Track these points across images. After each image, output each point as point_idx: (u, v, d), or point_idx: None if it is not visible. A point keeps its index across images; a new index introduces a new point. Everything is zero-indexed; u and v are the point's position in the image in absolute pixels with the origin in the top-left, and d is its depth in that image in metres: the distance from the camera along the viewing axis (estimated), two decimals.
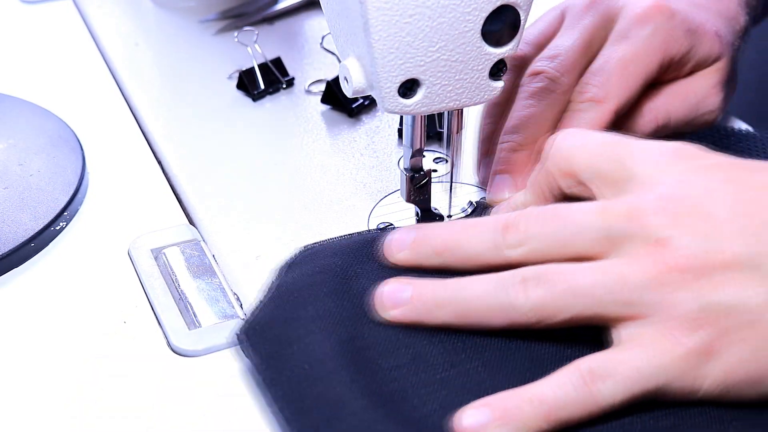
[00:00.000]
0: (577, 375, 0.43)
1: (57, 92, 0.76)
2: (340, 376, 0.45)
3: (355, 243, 0.53)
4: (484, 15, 0.47)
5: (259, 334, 0.48)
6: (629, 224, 0.44)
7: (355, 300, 0.49)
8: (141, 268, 0.57)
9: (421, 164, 0.54)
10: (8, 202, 0.61)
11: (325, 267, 0.51)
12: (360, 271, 0.50)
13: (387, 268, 0.50)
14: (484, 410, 0.42)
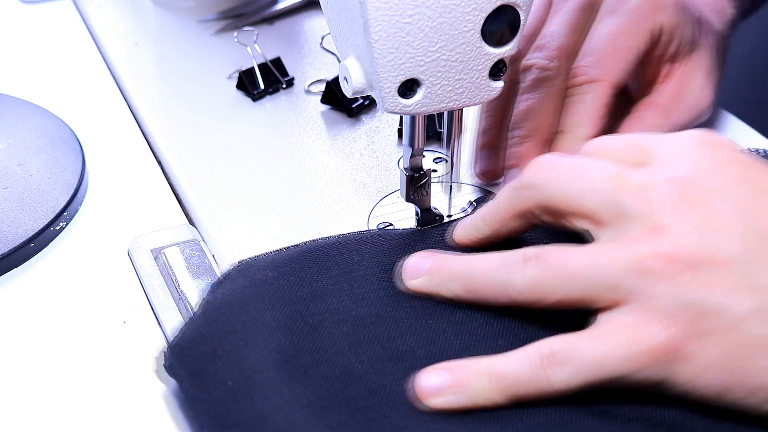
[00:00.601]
0: (537, 356, 0.43)
1: (57, 92, 0.76)
2: (264, 390, 0.44)
3: (291, 254, 0.52)
4: (484, 15, 0.47)
5: (185, 351, 0.47)
6: (634, 202, 0.43)
7: (288, 308, 0.48)
8: (141, 268, 0.57)
9: (420, 164, 0.54)
10: (8, 202, 0.61)
11: (257, 280, 0.50)
12: (294, 280, 0.50)
13: (326, 273, 0.50)
14: (443, 374, 0.44)
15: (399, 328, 0.47)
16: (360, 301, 0.49)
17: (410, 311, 0.48)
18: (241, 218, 0.62)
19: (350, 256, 0.51)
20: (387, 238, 0.54)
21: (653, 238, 0.42)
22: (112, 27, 0.86)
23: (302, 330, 0.47)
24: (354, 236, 0.54)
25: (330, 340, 0.47)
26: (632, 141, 0.48)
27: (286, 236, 0.59)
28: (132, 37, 0.84)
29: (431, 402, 0.43)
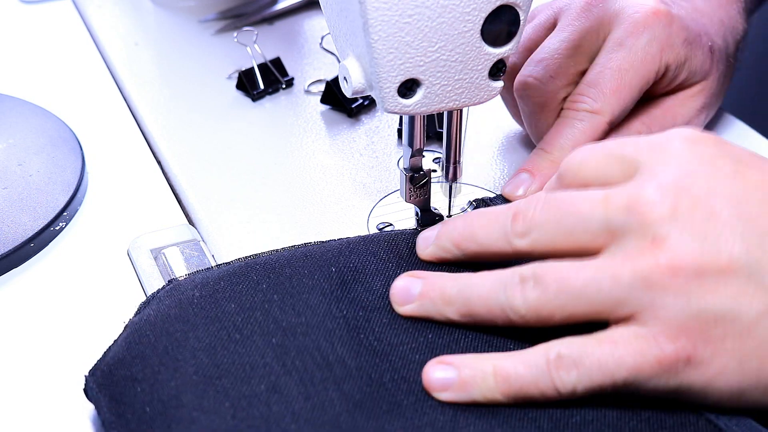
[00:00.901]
0: (544, 359, 0.43)
1: (56, 92, 0.76)
2: (181, 418, 0.43)
3: (221, 273, 0.50)
4: (484, 15, 0.47)
5: (105, 375, 0.46)
6: (628, 217, 0.43)
7: (213, 326, 0.47)
8: (140, 268, 0.57)
9: (420, 164, 0.54)
10: (8, 202, 0.61)
11: (183, 301, 0.49)
12: (222, 297, 0.48)
13: (257, 287, 0.49)
14: (449, 369, 0.44)
15: (330, 338, 0.46)
16: (290, 311, 0.48)
17: (341, 322, 0.47)
18: (241, 218, 0.62)
19: (282, 270, 0.50)
20: (329, 249, 0.52)
21: (654, 250, 0.42)
22: (112, 27, 0.86)
23: (226, 347, 0.46)
24: (288, 253, 0.52)
25: (256, 354, 0.45)
26: (613, 151, 0.46)
27: (286, 236, 0.59)
28: (132, 37, 0.84)
29: (439, 396, 0.44)
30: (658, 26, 0.58)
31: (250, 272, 0.50)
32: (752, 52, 0.86)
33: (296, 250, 0.52)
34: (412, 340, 0.46)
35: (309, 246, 0.53)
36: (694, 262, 0.41)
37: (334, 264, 0.50)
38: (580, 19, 0.60)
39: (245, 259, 0.52)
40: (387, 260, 0.51)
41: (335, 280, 0.50)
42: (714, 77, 0.62)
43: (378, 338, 0.47)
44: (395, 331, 0.47)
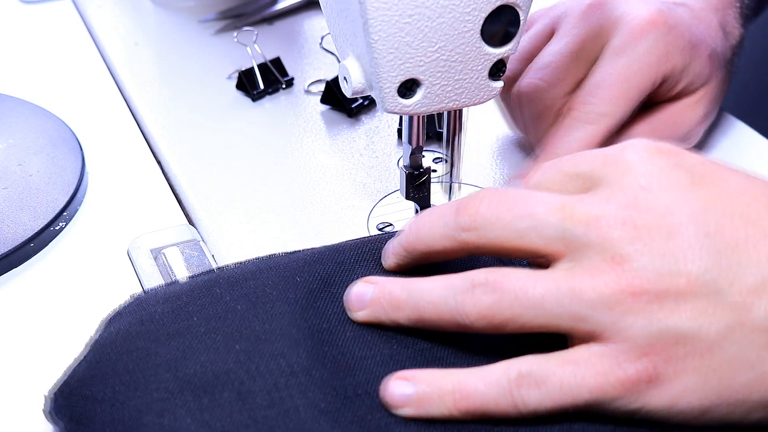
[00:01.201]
0: (506, 377, 0.42)
1: (56, 92, 0.76)
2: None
3: (184, 287, 0.50)
4: (484, 15, 0.47)
5: (67, 396, 0.45)
6: (588, 232, 0.42)
7: (176, 342, 0.46)
8: (140, 268, 0.57)
9: (420, 161, 0.54)
10: (8, 202, 0.61)
11: (145, 317, 0.48)
12: (184, 312, 0.48)
13: (220, 299, 0.48)
14: (407, 385, 0.43)
15: (296, 347, 0.45)
16: (254, 320, 0.47)
17: (306, 332, 0.46)
18: (241, 218, 0.62)
19: (246, 282, 0.49)
20: (295, 260, 0.51)
21: (616, 269, 0.41)
22: (112, 27, 0.86)
23: (189, 358, 0.45)
24: (254, 265, 0.51)
25: (219, 362, 0.45)
26: (568, 168, 0.46)
27: (286, 236, 0.59)
28: (132, 37, 0.84)
29: (396, 411, 0.43)
30: (657, 34, 0.58)
31: (214, 286, 0.49)
32: (753, 53, 0.86)
33: (262, 262, 0.51)
34: (377, 354, 0.46)
35: (275, 257, 0.52)
36: (655, 284, 0.40)
37: (299, 274, 0.50)
38: (580, 26, 0.60)
39: (210, 273, 0.51)
40: (353, 270, 0.50)
41: (301, 289, 0.49)
42: (714, 83, 0.62)
43: (342, 352, 0.46)
44: (359, 344, 0.46)
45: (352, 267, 0.50)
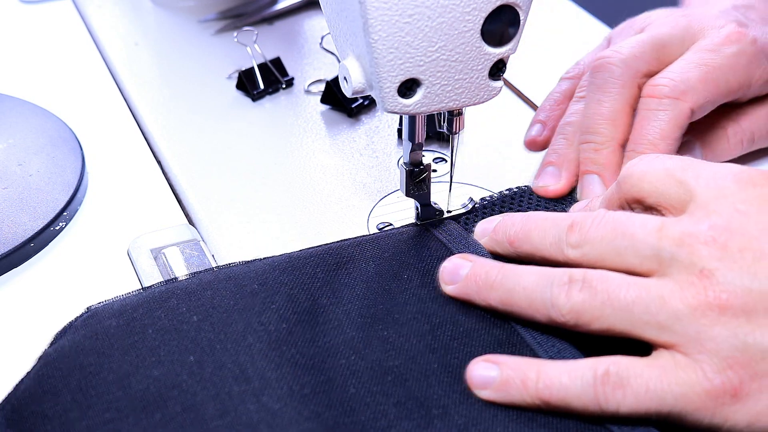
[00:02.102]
0: (591, 373, 0.42)
1: (56, 92, 0.76)
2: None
3: (139, 299, 0.49)
4: (484, 15, 0.47)
5: (16, 410, 0.44)
6: (679, 249, 0.43)
7: (128, 357, 0.45)
8: (141, 268, 0.57)
9: (420, 158, 0.54)
10: (8, 202, 0.61)
11: (98, 331, 0.47)
12: (138, 326, 0.47)
13: (176, 311, 0.48)
14: (493, 368, 0.44)
15: (249, 352, 0.45)
16: (208, 329, 0.47)
17: (263, 335, 0.46)
18: (241, 218, 0.62)
19: (203, 293, 0.49)
20: (252, 269, 0.51)
21: (701, 283, 0.42)
22: (112, 27, 0.86)
23: (141, 374, 0.44)
24: (211, 275, 0.51)
25: (172, 374, 0.44)
26: (674, 172, 0.46)
27: (286, 236, 0.59)
28: (132, 37, 0.84)
29: (478, 393, 0.44)
30: (744, 42, 0.59)
31: (170, 297, 0.49)
32: None
33: (219, 272, 0.51)
34: (334, 361, 0.46)
35: (232, 267, 0.52)
36: (741, 299, 0.41)
37: (257, 281, 0.50)
38: (666, 25, 0.60)
39: (165, 284, 0.51)
40: (313, 275, 0.51)
41: (259, 295, 0.49)
42: None
43: (300, 352, 0.46)
44: (318, 348, 0.46)
45: (312, 271, 0.51)
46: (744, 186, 0.45)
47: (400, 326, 0.48)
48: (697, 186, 0.45)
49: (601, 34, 0.82)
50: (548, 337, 0.46)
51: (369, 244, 0.54)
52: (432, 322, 0.48)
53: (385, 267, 0.52)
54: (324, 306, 0.49)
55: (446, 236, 0.54)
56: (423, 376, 0.45)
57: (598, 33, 0.83)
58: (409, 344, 0.47)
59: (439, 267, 0.50)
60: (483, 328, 0.47)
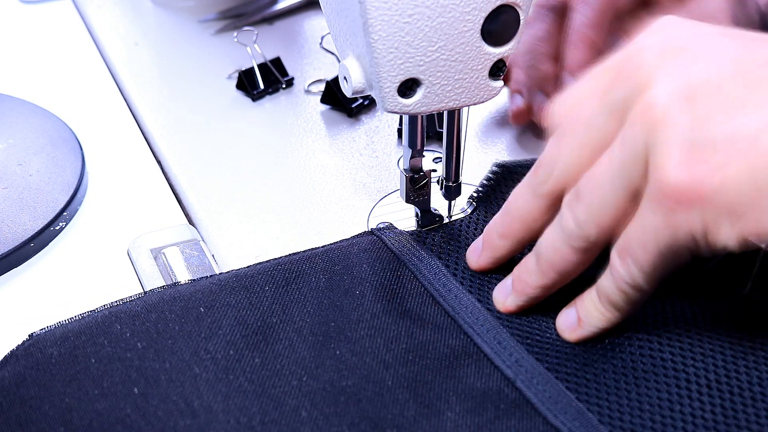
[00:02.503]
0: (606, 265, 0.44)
1: (56, 92, 0.76)
2: None
3: (82, 326, 0.48)
4: (484, 15, 0.47)
5: None
6: (621, 85, 0.42)
7: (70, 389, 0.44)
8: (140, 268, 0.57)
9: (420, 164, 0.54)
10: (8, 202, 0.61)
11: (39, 361, 0.46)
12: (80, 354, 0.46)
13: (119, 337, 0.46)
14: (572, 311, 0.47)
15: (195, 383, 0.44)
16: (153, 358, 0.45)
17: (209, 364, 0.45)
18: (241, 218, 0.62)
19: (147, 316, 0.48)
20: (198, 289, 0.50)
21: (648, 91, 0.41)
22: (112, 27, 0.86)
23: (83, 408, 0.43)
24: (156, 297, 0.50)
25: (115, 409, 0.43)
26: (610, 66, 0.45)
27: (286, 236, 0.59)
28: (132, 37, 0.84)
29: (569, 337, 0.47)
30: None
31: (114, 322, 0.47)
32: None
33: (165, 293, 0.50)
34: (285, 384, 0.45)
35: (179, 287, 0.51)
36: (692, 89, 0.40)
37: (204, 303, 0.49)
38: None
39: (111, 307, 0.49)
40: (262, 293, 0.49)
41: (205, 319, 0.47)
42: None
43: (249, 379, 0.45)
44: (268, 372, 0.45)
45: (260, 290, 0.50)
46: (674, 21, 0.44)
47: (353, 344, 0.47)
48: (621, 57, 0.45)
49: None
50: (505, 347, 0.46)
51: (319, 258, 0.52)
52: (386, 336, 0.47)
53: (337, 281, 0.51)
54: (274, 325, 0.48)
55: (398, 247, 0.54)
56: (377, 395, 0.44)
57: None
58: (362, 362, 0.46)
59: (397, 279, 0.50)
60: (438, 339, 0.47)
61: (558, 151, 0.46)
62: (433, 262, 0.52)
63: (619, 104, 0.43)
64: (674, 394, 0.42)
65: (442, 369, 0.45)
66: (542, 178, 0.47)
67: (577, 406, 0.43)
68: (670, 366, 0.44)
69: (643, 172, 0.41)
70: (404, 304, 0.49)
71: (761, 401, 0.42)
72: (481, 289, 0.51)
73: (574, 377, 0.44)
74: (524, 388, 0.44)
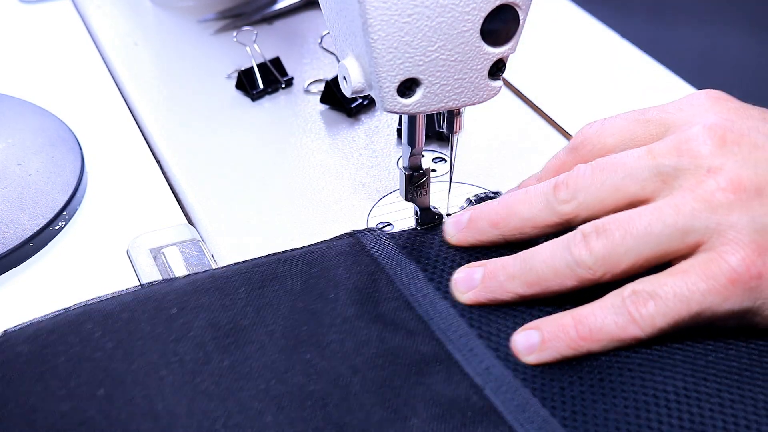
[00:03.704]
0: (620, 299, 0.43)
1: (56, 92, 0.76)
2: None
3: (55, 323, 0.47)
4: (484, 14, 0.47)
5: None
6: (679, 158, 0.44)
7: (38, 386, 0.44)
8: (140, 268, 0.57)
9: (419, 163, 0.54)
10: (7, 202, 0.61)
11: (10, 358, 0.45)
12: (49, 353, 0.45)
13: (91, 339, 0.46)
14: (533, 333, 0.45)
15: (160, 386, 0.44)
16: (121, 359, 0.45)
17: (176, 367, 0.45)
18: (241, 218, 0.62)
19: (119, 315, 0.47)
20: (173, 289, 0.50)
21: (713, 176, 0.43)
22: (112, 27, 0.86)
23: (48, 408, 0.43)
24: (131, 296, 0.50)
25: (79, 410, 0.43)
26: (635, 116, 0.47)
27: (286, 236, 0.59)
28: (131, 37, 0.84)
29: (526, 359, 0.45)
30: None
31: (86, 321, 0.47)
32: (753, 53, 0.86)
33: (139, 292, 0.49)
34: (252, 387, 0.44)
35: (154, 287, 0.50)
36: (752, 182, 0.42)
37: (177, 304, 0.48)
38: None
39: (84, 305, 0.49)
40: (235, 295, 0.49)
41: (177, 320, 0.47)
42: None
43: (216, 382, 0.44)
44: (236, 375, 0.45)
45: (233, 293, 0.49)
46: (717, 101, 0.46)
47: (323, 348, 0.46)
48: (668, 115, 0.46)
49: (601, 34, 0.82)
50: (476, 354, 0.46)
51: (297, 260, 0.52)
52: (357, 340, 0.47)
53: (312, 284, 0.50)
54: (246, 328, 0.47)
55: (376, 250, 0.53)
56: (343, 400, 0.44)
57: (598, 33, 0.83)
58: (331, 366, 0.45)
59: (373, 283, 0.50)
60: (410, 344, 0.47)
61: (590, 181, 0.46)
62: (411, 266, 0.51)
63: (670, 171, 0.44)
64: (641, 402, 0.42)
65: (412, 375, 0.45)
66: (563, 198, 0.47)
67: (543, 415, 0.42)
68: (637, 375, 0.43)
69: (689, 246, 0.43)
70: (378, 308, 0.49)
71: (729, 408, 0.41)
72: None
73: (542, 385, 0.44)
74: (492, 396, 0.43)
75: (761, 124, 0.45)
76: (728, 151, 0.43)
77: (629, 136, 0.47)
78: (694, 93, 0.48)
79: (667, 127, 0.46)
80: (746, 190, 0.42)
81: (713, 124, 0.44)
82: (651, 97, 0.73)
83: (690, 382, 0.43)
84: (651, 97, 0.73)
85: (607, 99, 0.73)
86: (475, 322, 0.48)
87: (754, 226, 0.42)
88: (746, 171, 0.43)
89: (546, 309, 0.47)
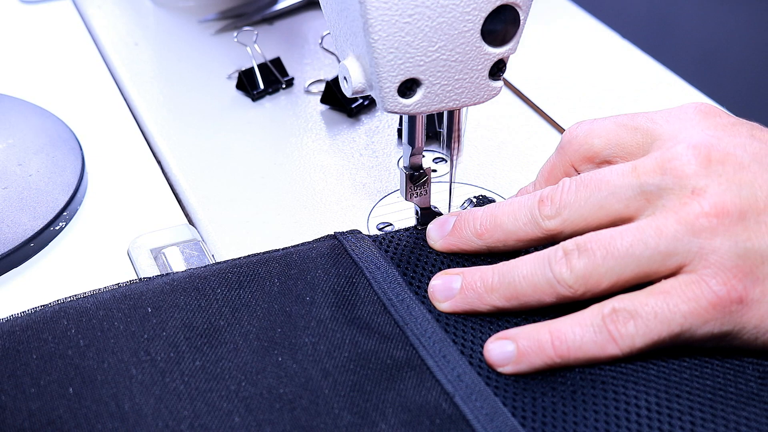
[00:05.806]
0: (599, 316, 0.43)
1: (56, 92, 0.76)
2: None
3: (31, 320, 0.47)
4: (484, 15, 0.47)
5: None
6: (663, 177, 0.44)
7: (10, 383, 0.44)
8: (140, 268, 0.57)
9: (420, 163, 0.54)
10: (8, 202, 0.61)
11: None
12: (25, 348, 0.45)
13: (65, 336, 0.45)
14: (509, 343, 0.45)
15: (129, 385, 0.43)
16: (93, 357, 0.45)
17: (147, 366, 0.44)
18: (241, 218, 0.62)
19: (95, 313, 0.47)
20: (150, 288, 0.49)
21: (696, 199, 0.43)
22: (112, 27, 0.86)
23: (18, 406, 0.43)
24: (108, 294, 0.49)
25: (48, 408, 0.42)
26: (624, 121, 0.47)
27: (286, 236, 0.59)
28: (132, 37, 0.84)
29: (501, 370, 0.45)
30: None
31: (61, 318, 0.47)
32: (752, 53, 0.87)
33: (116, 291, 0.49)
34: (222, 388, 0.44)
35: (132, 285, 0.50)
36: (736, 206, 0.42)
37: (152, 303, 0.48)
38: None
39: (61, 302, 0.48)
40: (212, 295, 0.49)
41: (150, 320, 0.47)
42: None
43: (185, 382, 0.44)
44: (207, 375, 0.45)
45: (210, 293, 0.49)
46: (706, 116, 0.46)
47: (296, 351, 0.46)
48: (656, 126, 0.46)
49: (601, 34, 0.82)
50: (449, 361, 0.46)
51: (276, 262, 0.52)
52: (330, 344, 0.47)
53: (290, 286, 0.50)
54: (221, 328, 0.47)
55: (357, 253, 0.53)
56: (312, 403, 0.44)
57: (598, 33, 0.83)
58: (302, 369, 0.45)
59: (351, 286, 0.50)
60: (383, 349, 0.46)
61: (574, 197, 0.46)
62: (390, 270, 0.51)
63: (654, 189, 0.44)
64: (612, 416, 0.42)
65: (383, 380, 0.45)
66: (548, 213, 0.47)
67: (512, 425, 0.42)
68: (610, 388, 0.43)
69: (670, 269, 0.43)
70: (354, 312, 0.49)
71: (700, 427, 0.41)
72: None
73: (513, 395, 0.44)
74: (462, 404, 0.43)
75: (748, 141, 0.45)
76: (713, 172, 0.43)
77: (615, 141, 0.47)
78: (684, 105, 0.48)
79: (654, 138, 0.46)
80: (729, 214, 0.42)
81: (698, 143, 0.44)
82: (651, 97, 0.73)
83: (663, 398, 0.42)
84: (651, 97, 0.73)
85: (607, 99, 0.73)
86: (451, 328, 0.48)
87: (737, 251, 0.42)
88: (730, 194, 0.43)
89: (523, 315, 0.47)
